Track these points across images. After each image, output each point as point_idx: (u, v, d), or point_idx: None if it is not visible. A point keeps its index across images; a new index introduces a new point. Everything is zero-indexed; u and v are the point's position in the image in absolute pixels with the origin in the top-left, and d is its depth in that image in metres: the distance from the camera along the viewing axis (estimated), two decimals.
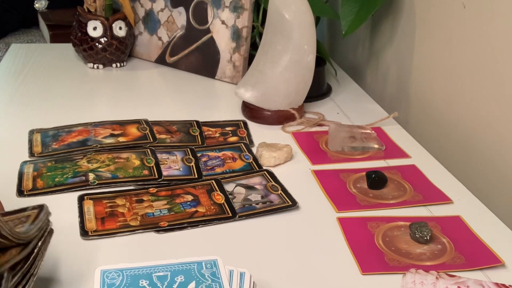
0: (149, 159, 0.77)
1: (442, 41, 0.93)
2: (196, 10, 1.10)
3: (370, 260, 0.61)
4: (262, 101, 0.91)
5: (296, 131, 0.91)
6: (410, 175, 0.79)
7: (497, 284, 0.55)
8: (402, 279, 0.56)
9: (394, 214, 0.70)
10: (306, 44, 0.89)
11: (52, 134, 0.83)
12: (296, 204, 0.70)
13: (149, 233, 0.63)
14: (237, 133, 0.89)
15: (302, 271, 0.59)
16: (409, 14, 1.02)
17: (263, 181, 0.75)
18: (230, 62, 1.08)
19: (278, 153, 0.79)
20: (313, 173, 0.79)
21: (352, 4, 0.98)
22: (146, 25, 1.16)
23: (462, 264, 0.61)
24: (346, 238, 0.65)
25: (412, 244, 0.64)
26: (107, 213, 0.66)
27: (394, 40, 1.08)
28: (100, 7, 1.10)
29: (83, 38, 1.09)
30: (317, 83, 1.00)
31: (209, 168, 0.78)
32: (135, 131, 0.85)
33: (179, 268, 0.51)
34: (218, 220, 0.66)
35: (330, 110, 1.00)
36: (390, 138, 0.90)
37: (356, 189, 0.75)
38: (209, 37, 1.09)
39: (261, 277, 0.56)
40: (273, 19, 0.89)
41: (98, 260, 0.58)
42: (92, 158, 0.77)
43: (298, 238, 0.65)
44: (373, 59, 1.17)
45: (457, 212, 0.71)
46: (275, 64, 0.89)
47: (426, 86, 0.99)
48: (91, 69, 1.12)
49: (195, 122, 0.90)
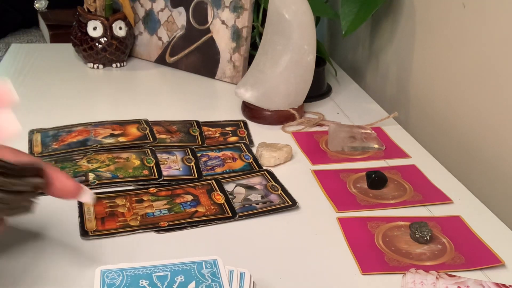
0: (149, 159, 0.78)
1: (442, 41, 0.93)
2: (196, 10, 1.10)
3: (370, 260, 0.61)
4: (262, 101, 0.91)
5: (296, 131, 0.91)
6: (410, 175, 0.79)
7: (497, 284, 0.55)
8: (402, 279, 0.56)
9: (394, 214, 0.70)
10: (306, 44, 0.89)
11: (52, 134, 0.83)
12: (296, 204, 0.70)
13: (149, 233, 0.63)
14: (237, 133, 0.89)
15: (302, 271, 0.59)
16: (409, 14, 1.02)
17: (263, 181, 0.75)
18: (230, 62, 1.08)
19: (278, 153, 0.79)
20: (313, 173, 0.79)
21: (352, 4, 0.98)
22: (146, 25, 1.16)
23: (462, 264, 0.61)
24: (346, 238, 0.65)
25: (412, 244, 0.64)
26: (107, 213, 0.66)
27: (394, 40, 1.08)
28: (100, 7, 1.10)
29: (83, 38, 1.09)
30: (317, 83, 1.00)
31: (209, 168, 0.78)
32: (135, 131, 0.85)
33: (179, 268, 0.51)
34: (218, 220, 0.66)
35: (330, 110, 1.00)
36: (390, 138, 0.90)
37: (356, 189, 0.75)
38: (209, 37, 1.09)
39: (261, 277, 0.56)
40: (273, 19, 0.89)
41: (98, 260, 0.58)
42: (92, 158, 0.77)
43: (298, 238, 0.65)
44: (373, 59, 1.17)
45: (457, 212, 0.71)
46: (275, 64, 0.89)
47: (426, 86, 0.99)
48: (91, 69, 1.12)
49: (195, 122, 0.90)
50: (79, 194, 0.52)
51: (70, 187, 0.51)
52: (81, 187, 0.52)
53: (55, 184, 0.50)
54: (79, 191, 0.52)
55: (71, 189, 0.51)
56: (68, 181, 0.51)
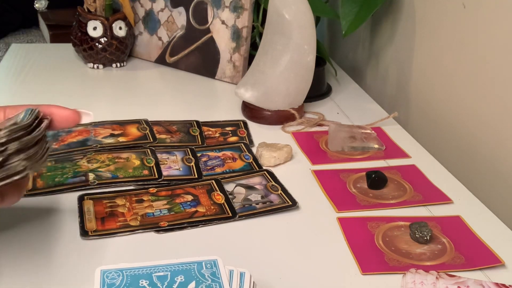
0: (149, 159, 0.78)
1: (442, 41, 0.93)
2: (196, 10, 1.10)
3: (370, 260, 0.61)
4: (262, 101, 0.91)
5: (296, 131, 0.91)
6: (410, 175, 0.79)
7: (497, 284, 0.55)
8: (402, 279, 0.56)
9: (394, 214, 0.70)
10: (306, 44, 0.89)
11: (52, 134, 0.83)
12: (296, 204, 0.70)
13: (149, 233, 0.63)
14: (237, 133, 0.89)
15: (302, 271, 0.59)
16: (409, 14, 1.02)
17: (263, 181, 0.75)
18: (230, 62, 1.08)
19: (278, 153, 0.79)
20: (313, 173, 0.79)
21: (352, 4, 0.98)
22: (146, 25, 1.16)
23: (462, 264, 0.61)
24: (346, 238, 0.65)
25: (412, 244, 0.64)
26: (107, 213, 0.66)
27: (394, 40, 1.08)
28: (100, 7, 1.10)
29: (83, 38, 1.09)
30: (317, 83, 1.00)
31: (209, 168, 0.78)
32: (135, 131, 0.85)
33: (179, 268, 0.51)
34: (218, 220, 0.66)
35: (330, 110, 1.00)
36: (390, 138, 0.90)
37: (356, 189, 0.75)
38: (209, 37, 1.09)
39: (261, 277, 0.56)
40: (273, 19, 0.89)
41: (98, 260, 0.58)
42: (92, 158, 0.77)
43: (298, 238, 0.65)
44: (373, 59, 1.17)
45: (457, 212, 0.71)
46: (275, 64, 0.89)
47: (426, 86, 0.99)
48: (91, 69, 1.12)
49: (195, 122, 0.90)
50: (79, 119, 0.54)
51: (69, 115, 0.53)
52: (79, 112, 0.54)
53: (55, 118, 0.52)
54: (79, 116, 0.54)
55: (71, 116, 0.53)
56: (64, 110, 0.53)
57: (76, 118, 0.54)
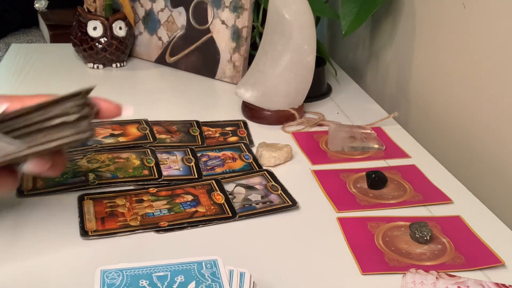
0: (149, 159, 0.78)
1: (442, 41, 0.93)
2: (196, 10, 1.10)
3: (370, 260, 0.61)
4: (262, 101, 0.91)
5: (296, 131, 0.91)
6: (410, 175, 0.79)
7: (497, 284, 0.55)
8: (402, 279, 0.56)
9: (394, 214, 0.70)
10: (306, 44, 0.89)
11: None
12: (296, 204, 0.70)
13: (149, 233, 0.63)
14: (237, 133, 0.89)
15: (302, 271, 0.59)
16: (409, 14, 1.02)
17: (263, 181, 0.75)
18: (230, 62, 1.08)
19: (278, 153, 0.79)
20: (313, 173, 0.79)
21: (352, 4, 0.98)
22: (146, 25, 1.16)
23: (462, 264, 0.61)
24: (346, 238, 0.65)
25: (412, 244, 0.64)
26: (107, 213, 0.66)
27: (394, 40, 1.08)
28: (100, 7, 1.10)
29: (83, 38, 1.09)
30: (317, 83, 1.00)
31: (209, 168, 0.78)
32: (135, 131, 0.85)
33: (179, 268, 0.51)
34: (218, 220, 0.66)
35: (330, 110, 1.00)
36: (390, 138, 0.90)
37: (356, 189, 0.75)
38: (209, 37, 1.09)
39: (261, 277, 0.56)
40: (273, 19, 0.89)
41: (98, 260, 0.58)
42: (92, 158, 0.77)
43: (298, 238, 0.65)
44: (373, 59, 1.17)
45: (457, 212, 0.71)
46: (275, 64, 0.89)
47: (426, 86, 0.99)
48: (91, 69, 1.12)
49: (195, 122, 0.90)
50: (120, 112, 0.58)
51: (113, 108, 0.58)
52: (120, 106, 0.58)
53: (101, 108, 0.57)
54: (121, 109, 0.58)
55: (114, 109, 0.58)
56: (110, 103, 0.58)
57: (118, 111, 0.58)
